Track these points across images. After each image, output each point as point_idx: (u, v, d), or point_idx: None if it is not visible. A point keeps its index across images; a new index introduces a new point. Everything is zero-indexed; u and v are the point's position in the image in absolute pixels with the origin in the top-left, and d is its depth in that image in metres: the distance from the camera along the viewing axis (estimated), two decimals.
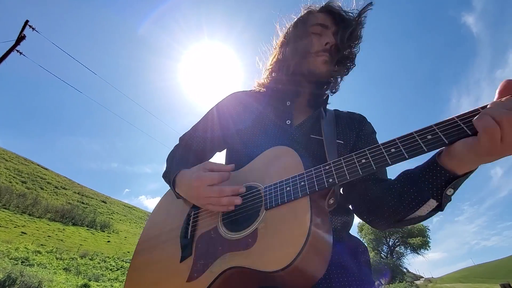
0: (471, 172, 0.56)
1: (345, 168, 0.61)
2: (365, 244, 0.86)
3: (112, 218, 31.22)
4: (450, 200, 0.61)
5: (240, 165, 0.86)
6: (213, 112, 1.08)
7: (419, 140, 0.54)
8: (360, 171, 0.59)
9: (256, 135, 0.92)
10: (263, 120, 0.96)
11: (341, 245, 0.78)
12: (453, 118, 0.53)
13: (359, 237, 0.88)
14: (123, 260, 14.70)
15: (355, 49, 0.97)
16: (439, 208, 0.62)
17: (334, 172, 0.63)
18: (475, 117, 0.49)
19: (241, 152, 0.92)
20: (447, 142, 0.51)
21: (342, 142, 0.90)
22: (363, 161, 0.59)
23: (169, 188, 0.93)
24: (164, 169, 0.99)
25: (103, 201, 38.40)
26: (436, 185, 0.59)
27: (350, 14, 0.96)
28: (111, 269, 12.68)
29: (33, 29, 12.64)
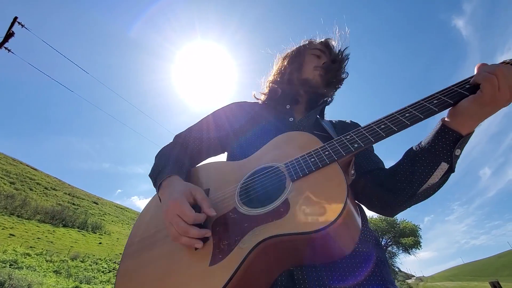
0: (471, 133, 0.64)
1: (366, 134, 0.64)
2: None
3: (104, 219, 30.77)
4: (457, 160, 0.67)
5: (246, 156, 0.84)
6: (210, 116, 1.10)
7: (427, 104, 0.62)
8: (383, 133, 0.62)
9: (259, 131, 0.94)
10: (265, 118, 1.00)
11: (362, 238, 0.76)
12: (451, 87, 0.63)
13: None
14: (115, 262, 14.46)
15: (343, 75, 1.12)
16: (450, 170, 0.67)
17: (357, 138, 0.65)
18: (474, 76, 0.61)
19: (244, 146, 0.93)
20: (452, 102, 0.60)
21: None
22: (383, 126, 0.63)
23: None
24: (153, 166, 0.94)
25: (94, 202, 37.83)
26: (445, 147, 0.64)
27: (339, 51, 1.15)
28: (103, 271, 12.46)
29: (23, 26, 12.35)
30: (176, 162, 0.89)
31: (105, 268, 13.08)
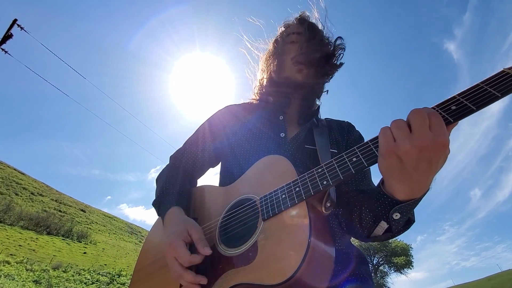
0: (414, 199, 0.58)
1: (337, 169, 0.61)
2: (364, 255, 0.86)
3: (90, 228, 29.91)
4: (405, 226, 0.65)
5: (233, 178, 0.86)
6: (204, 126, 1.08)
7: (360, 156, 0.60)
8: (352, 170, 0.59)
9: (250, 147, 0.93)
10: (256, 133, 0.97)
11: (341, 254, 0.77)
12: (366, 142, 0.61)
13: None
14: (99, 273, 13.93)
15: (331, 52, 1.02)
16: (390, 230, 0.65)
17: (327, 174, 0.62)
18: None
19: (235, 165, 0.93)
20: (366, 165, 0.59)
21: (336, 151, 0.92)
22: (354, 159, 0.60)
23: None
24: (155, 193, 0.97)
25: (82, 210, 36.89)
26: (384, 208, 0.62)
27: (321, 23, 1.07)
28: (85, 283, 11.96)
29: (22, 28, 12.31)
30: (178, 192, 0.90)
31: (88, 279, 12.57)
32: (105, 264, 17.37)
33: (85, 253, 19.63)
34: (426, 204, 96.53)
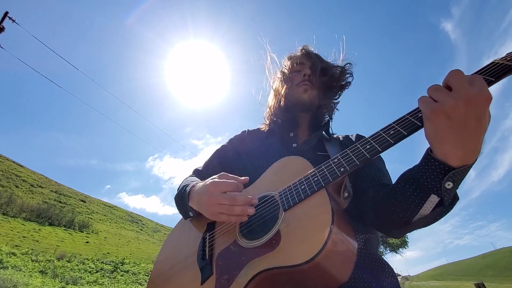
0: (467, 165, 0.54)
1: (352, 156, 0.64)
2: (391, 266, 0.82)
3: (91, 218, 30.33)
4: (456, 197, 0.59)
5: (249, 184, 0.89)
6: (224, 146, 1.19)
7: (411, 118, 0.59)
8: (367, 155, 0.61)
9: (264, 162, 0.96)
10: (271, 147, 1.05)
11: (364, 266, 0.75)
12: (405, 116, 0.62)
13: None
14: (102, 262, 14.37)
15: (337, 74, 1.10)
16: (442, 203, 0.60)
17: (343, 162, 0.65)
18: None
19: (253, 176, 0.93)
20: (406, 134, 0.59)
21: None
22: (368, 146, 0.62)
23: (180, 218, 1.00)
24: (178, 190, 1.01)
25: (82, 200, 37.23)
26: (434, 179, 0.58)
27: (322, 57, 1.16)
28: (90, 272, 12.39)
29: (13, 21, 12.17)
30: (197, 179, 0.99)
31: (92, 268, 13.00)
32: (108, 253, 17.82)
33: (87, 242, 20.09)
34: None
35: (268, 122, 1.18)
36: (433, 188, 0.59)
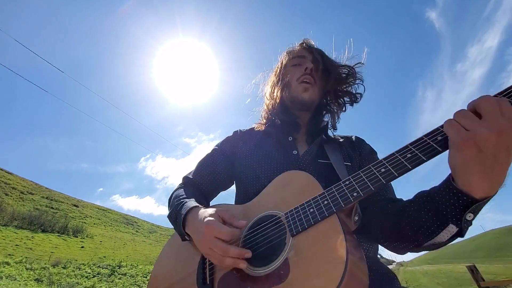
0: (489, 196, 0.51)
1: (366, 180, 0.59)
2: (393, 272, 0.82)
3: (85, 222, 29.96)
4: (471, 224, 0.57)
5: (250, 197, 0.84)
6: (215, 150, 1.09)
7: (431, 142, 0.55)
8: (382, 180, 0.57)
9: (264, 168, 0.91)
10: (268, 154, 0.96)
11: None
12: (422, 138, 0.57)
13: None
14: (99, 266, 14.28)
15: (341, 75, 1.02)
16: (460, 234, 0.58)
17: (356, 186, 0.60)
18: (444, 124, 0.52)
19: (250, 185, 0.91)
20: (424, 159, 0.54)
21: (350, 164, 0.91)
22: (383, 170, 0.58)
23: (174, 233, 0.92)
24: (170, 207, 0.94)
25: (74, 205, 36.73)
26: (455, 209, 0.55)
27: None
28: (86, 277, 12.30)
29: None
30: (193, 197, 0.89)
31: (89, 273, 12.90)
32: (104, 257, 17.69)
33: (82, 247, 19.89)
34: (412, 175, 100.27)
35: (264, 121, 1.10)
36: (452, 218, 0.56)
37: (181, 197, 0.91)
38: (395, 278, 0.77)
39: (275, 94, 1.06)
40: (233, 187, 1.08)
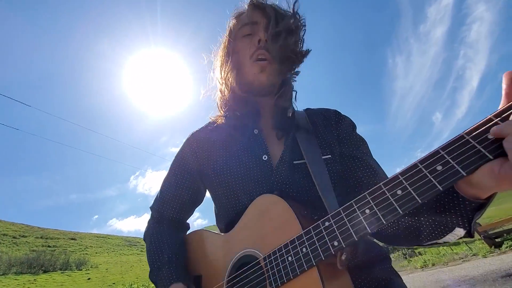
0: (495, 194, 0.45)
1: (348, 225, 0.51)
2: (386, 250, 0.78)
3: (87, 253, 29.27)
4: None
5: (229, 218, 0.80)
6: (175, 163, 0.94)
7: (429, 176, 0.42)
8: (367, 228, 0.47)
9: (235, 178, 0.80)
10: (235, 158, 0.82)
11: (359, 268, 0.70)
12: (462, 136, 0.41)
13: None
14: None
15: (294, 36, 0.81)
16: (468, 235, 0.54)
17: (337, 232, 0.52)
18: (505, 140, 0.36)
19: (230, 208, 0.81)
20: (465, 174, 0.39)
21: (329, 156, 0.78)
22: (367, 211, 0.49)
23: None
24: (148, 261, 0.85)
25: (72, 239, 35.76)
26: (461, 215, 0.50)
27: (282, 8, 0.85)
28: None
29: None
30: (169, 261, 0.78)
31: None
32: (114, 283, 17.40)
33: (89, 279, 19.45)
34: (396, 139, 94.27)
35: (222, 112, 0.92)
36: (458, 223, 0.52)
37: (155, 257, 0.82)
38: (387, 258, 0.75)
39: (226, 77, 0.87)
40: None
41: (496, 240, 8.32)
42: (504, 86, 0.41)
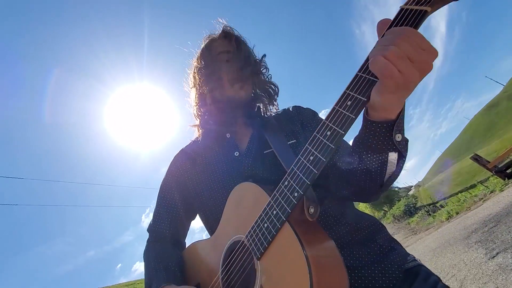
0: (402, 110, 0.54)
1: (300, 175, 0.57)
2: (379, 220, 0.82)
3: None
4: (407, 140, 0.60)
5: (213, 222, 0.86)
6: (165, 183, 1.03)
7: (343, 111, 0.51)
8: (314, 170, 0.54)
9: (214, 184, 0.89)
10: (212, 164, 0.93)
11: (348, 231, 0.76)
12: (356, 74, 0.51)
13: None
14: None
15: (257, 66, 0.99)
16: (401, 156, 0.61)
17: (294, 184, 0.58)
18: (369, 62, 0.46)
19: (208, 209, 0.91)
20: (365, 99, 0.49)
21: (295, 140, 0.89)
22: (311, 158, 0.55)
23: None
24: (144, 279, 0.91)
25: None
26: (383, 140, 0.57)
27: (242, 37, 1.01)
28: None
29: None
30: (165, 267, 0.86)
31: None
32: None
33: None
34: None
35: (199, 121, 1.03)
36: (387, 147, 0.58)
37: (151, 268, 0.88)
38: (382, 227, 0.80)
39: (203, 90, 0.98)
40: None
41: (507, 171, 8.45)
42: (377, 31, 0.51)
